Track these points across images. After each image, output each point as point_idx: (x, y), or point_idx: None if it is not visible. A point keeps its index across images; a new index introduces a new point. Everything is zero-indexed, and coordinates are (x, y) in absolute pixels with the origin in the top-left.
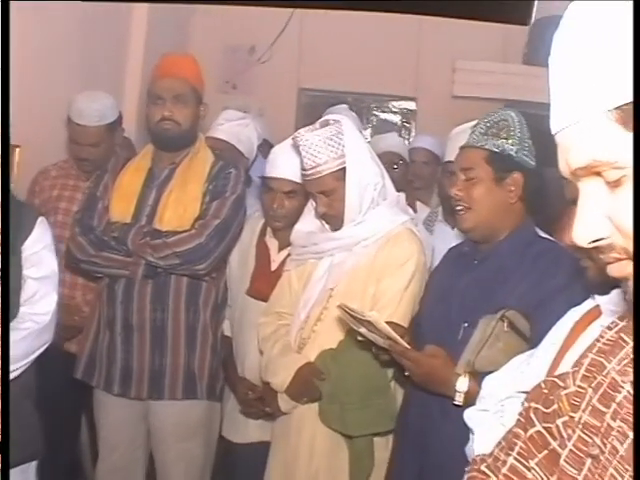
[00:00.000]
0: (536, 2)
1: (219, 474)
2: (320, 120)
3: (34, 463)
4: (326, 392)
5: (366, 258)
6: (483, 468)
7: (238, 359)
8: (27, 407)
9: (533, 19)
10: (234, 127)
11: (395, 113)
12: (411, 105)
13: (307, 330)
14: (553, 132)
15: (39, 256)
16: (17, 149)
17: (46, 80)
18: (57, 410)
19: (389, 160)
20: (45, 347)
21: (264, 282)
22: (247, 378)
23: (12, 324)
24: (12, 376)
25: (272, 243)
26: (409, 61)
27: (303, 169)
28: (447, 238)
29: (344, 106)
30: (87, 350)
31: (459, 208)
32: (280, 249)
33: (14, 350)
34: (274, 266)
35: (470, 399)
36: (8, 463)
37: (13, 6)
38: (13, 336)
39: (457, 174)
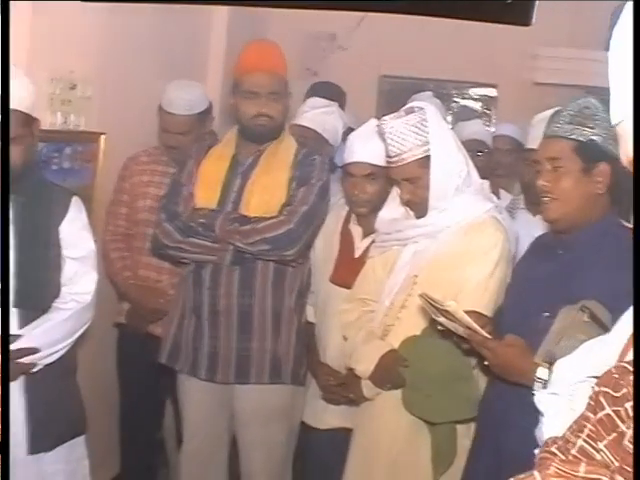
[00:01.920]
0: (537, 2)
1: (299, 459)
2: (405, 107)
3: (81, 439)
4: (409, 379)
5: (450, 245)
6: (554, 449)
7: (320, 345)
8: (71, 384)
9: (534, 19)
10: (319, 115)
11: (476, 100)
12: (492, 92)
13: (391, 317)
14: (613, 123)
15: (76, 236)
16: (102, 137)
17: (130, 69)
18: (141, 392)
19: (473, 147)
20: (87, 326)
21: (347, 269)
22: (329, 364)
23: (54, 304)
24: (57, 356)
25: (356, 230)
26: (490, 48)
27: (388, 156)
28: (529, 226)
29: (429, 93)
30: (171, 335)
31: (545, 199)
32: (364, 236)
33: (58, 330)
34: (358, 253)
35: None
36: (8, 463)
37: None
38: (57, 316)
39: (543, 164)
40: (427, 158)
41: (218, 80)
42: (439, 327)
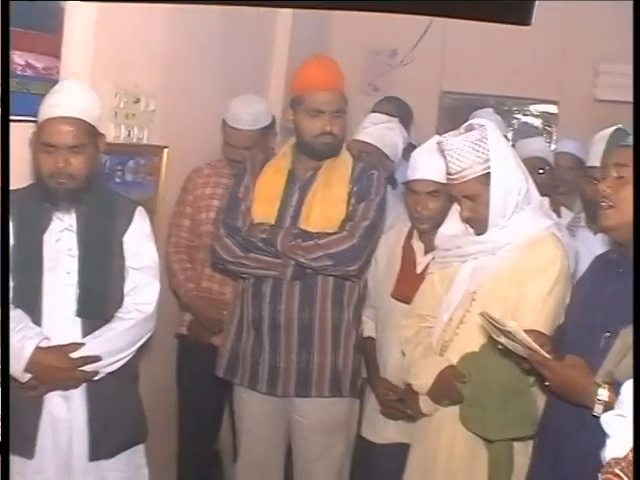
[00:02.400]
0: (537, 2)
1: (357, 473)
2: (465, 125)
3: (141, 446)
4: (467, 395)
5: (509, 262)
6: (617, 471)
7: (380, 360)
8: (132, 393)
9: (534, 19)
10: (380, 130)
11: (536, 117)
12: (552, 108)
13: (449, 333)
14: None
15: (140, 247)
16: (165, 150)
17: (192, 83)
18: (200, 403)
19: (534, 165)
20: (149, 336)
21: (409, 285)
22: (388, 379)
23: (117, 314)
24: (118, 365)
25: (418, 246)
26: (551, 64)
27: (448, 173)
28: (590, 244)
29: (489, 110)
30: (228, 348)
31: (604, 204)
32: (426, 252)
33: (121, 339)
34: (419, 269)
35: (609, 409)
36: (8, 463)
37: (158, 10)
38: (120, 326)
39: (609, 170)
40: (487, 175)
41: (280, 95)
42: (499, 346)
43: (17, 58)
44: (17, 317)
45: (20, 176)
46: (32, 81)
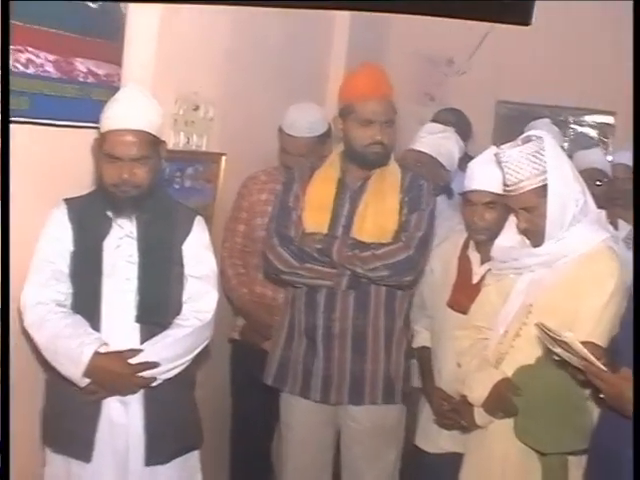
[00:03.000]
0: (536, 2)
1: None
2: (522, 136)
3: (196, 453)
4: (522, 408)
5: (566, 275)
6: None
7: (435, 369)
8: (188, 399)
9: (534, 19)
10: (436, 139)
11: (593, 127)
12: (609, 119)
13: (505, 345)
14: None
15: (199, 255)
16: (223, 157)
17: (251, 91)
18: (253, 408)
19: (592, 176)
20: (206, 343)
21: (465, 295)
22: (443, 389)
23: (175, 321)
24: (176, 371)
25: (474, 256)
26: (608, 75)
27: (505, 185)
28: None
29: (546, 120)
30: (278, 356)
31: None
32: (482, 262)
33: (179, 346)
34: (476, 279)
35: None
36: (8, 463)
37: (219, 17)
38: (178, 333)
39: None
40: (544, 187)
41: (336, 103)
42: (555, 357)
43: (79, 65)
44: (76, 322)
45: (83, 182)
46: (94, 88)
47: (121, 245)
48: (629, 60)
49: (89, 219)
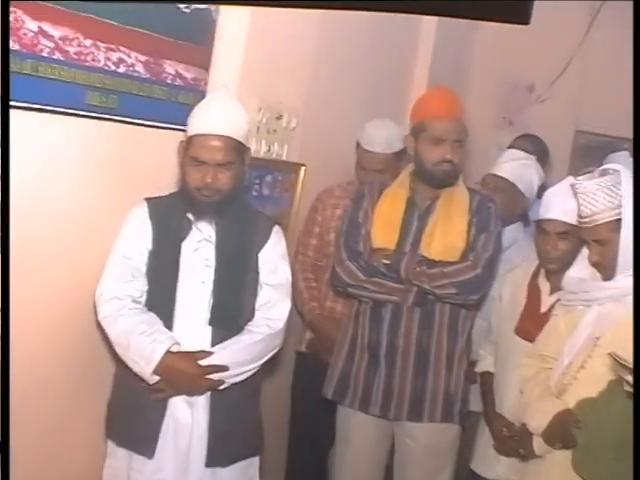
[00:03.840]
0: (535, 2)
1: None
2: (600, 168)
3: (256, 459)
4: (581, 441)
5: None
6: None
7: (497, 395)
8: (253, 406)
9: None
10: (517, 167)
11: None
12: None
13: (569, 376)
14: None
15: (274, 264)
16: (302, 168)
17: (334, 103)
18: (313, 421)
19: None
20: (275, 351)
21: (532, 323)
22: (504, 415)
23: (247, 327)
24: (244, 376)
25: (544, 285)
26: None
27: (580, 216)
28: None
29: (625, 153)
30: (338, 370)
31: None
32: (551, 292)
33: (248, 352)
34: (544, 308)
35: None
36: (8, 462)
37: (307, 28)
38: (249, 339)
39: None
40: (618, 221)
41: None
42: (626, 388)
43: (168, 67)
44: (150, 320)
45: (163, 183)
46: (181, 91)
47: (199, 248)
48: None
49: (169, 220)
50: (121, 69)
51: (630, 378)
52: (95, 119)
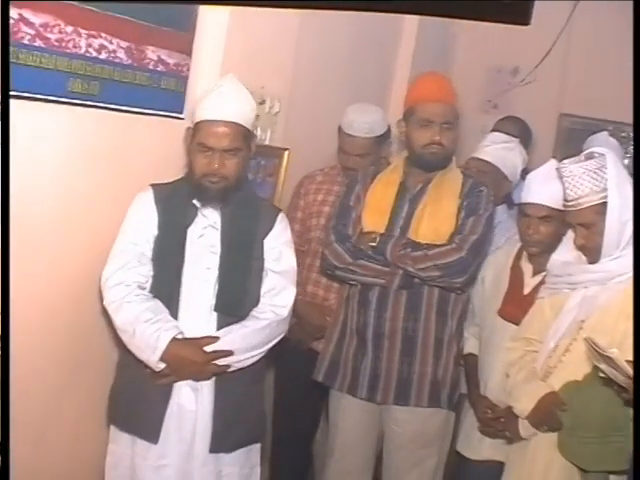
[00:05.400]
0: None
1: None
2: (585, 152)
3: (258, 446)
4: (566, 423)
5: (620, 294)
6: None
7: (482, 378)
8: (256, 392)
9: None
10: (500, 150)
11: None
12: None
13: (554, 359)
14: None
15: (280, 251)
16: (286, 152)
17: (317, 88)
18: (296, 406)
19: None
20: (280, 338)
21: (515, 305)
22: (488, 397)
23: (252, 313)
24: (249, 362)
25: (526, 267)
26: None
27: (565, 200)
28: None
29: (605, 133)
30: (329, 353)
31: None
32: (534, 274)
33: (254, 337)
34: (527, 290)
35: None
36: (8, 463)
37: (288, 14)
38: (254, 324)
39: None
40: (604, 205)
41: (400, 107)
42: (600, 374)
43: (150, 53)
44: (155, 308)
45: (149, 169)
46: (163, 77)
47: (204, 234)
48: None
49: (175, 206)
50: (103, 56)
51: (603, 366)
52: (77, 106)
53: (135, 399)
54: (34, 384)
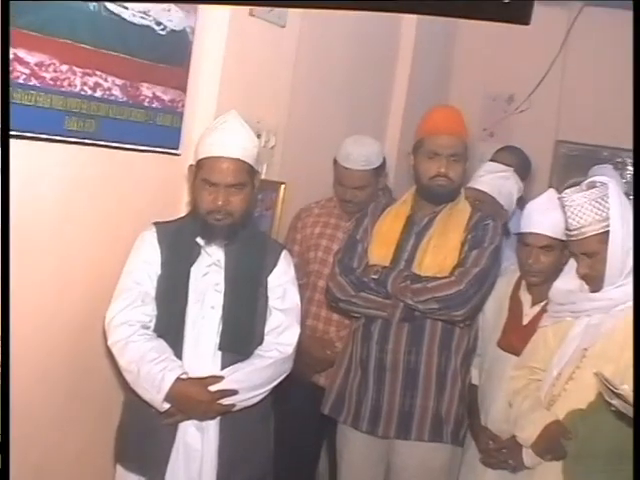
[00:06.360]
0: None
1: None
2: (586, 181)
3: None
4: (572, 452)
5: (623, 322)
6: None
7: (483, 408)
8: (262, 430)
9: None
10: (495, 179)
11: None
12: None
13: (558, 387)
14: None
15: (284, 289)
16: (282, 186)
17: (313, 122)
18: (298, 439)
19: None
20: (285, 376)
21: (515, 336)
22: (490, 428)
23: (257, 351)
24: (254, 401)
25: (525, 297)
26: None
27: (567, 229)
28: None
29: (609, 166)
30: (336, 386)
31: None
32: (533, 304)
33: (259, 376)
34: (526, 320)
35: None
36: (8, 463)
37: (284, 46)
38: (259, 363)
39: None
40: (606, 234)
41: (396, 138)
42: (611, 408)
43: (145, 90)
44: (159, 347)
45: (146, 205)
46: (158, 113)
47: (208, 273)
48: None
49: (178, 244)
50: (98, 93)
51: (615, 401)
52: (75, 144)
53: (141, 439)
54: (34, 417)
